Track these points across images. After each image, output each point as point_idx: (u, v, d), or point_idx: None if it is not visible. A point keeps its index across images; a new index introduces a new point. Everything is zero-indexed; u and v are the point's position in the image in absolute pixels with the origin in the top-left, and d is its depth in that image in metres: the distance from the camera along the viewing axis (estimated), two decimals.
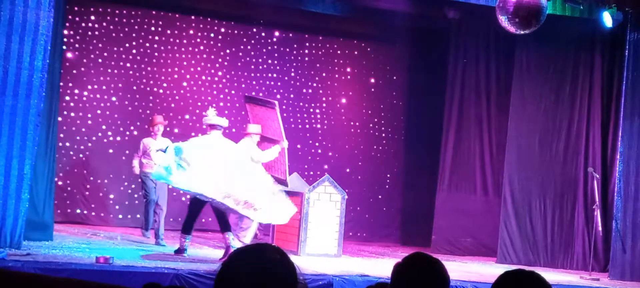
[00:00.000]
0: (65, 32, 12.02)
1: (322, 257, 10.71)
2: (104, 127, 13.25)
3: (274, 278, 2.18)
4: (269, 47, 14.40)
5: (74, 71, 13.09)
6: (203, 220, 13.59)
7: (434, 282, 3.04)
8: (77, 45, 13.14)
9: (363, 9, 13.56)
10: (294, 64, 14.59)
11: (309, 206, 10.94)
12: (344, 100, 14.89)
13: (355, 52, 15.00)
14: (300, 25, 14.47)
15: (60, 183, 12.57)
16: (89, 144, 13.19)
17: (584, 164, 12.34)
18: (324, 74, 14.78)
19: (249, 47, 14.28)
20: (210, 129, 10.03)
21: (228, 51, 14.13)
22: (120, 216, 13.20)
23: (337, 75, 14.86)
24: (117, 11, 13.45)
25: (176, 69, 13.78)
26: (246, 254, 2.24)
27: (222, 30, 14.13)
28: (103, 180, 13.22)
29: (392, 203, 15.05)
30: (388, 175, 15.11)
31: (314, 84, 14.71)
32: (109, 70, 13.37)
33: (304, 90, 14.65)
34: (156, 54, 13.66)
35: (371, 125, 15.04)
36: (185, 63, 13.84)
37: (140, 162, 11.35)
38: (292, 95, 14.52)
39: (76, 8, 13.03)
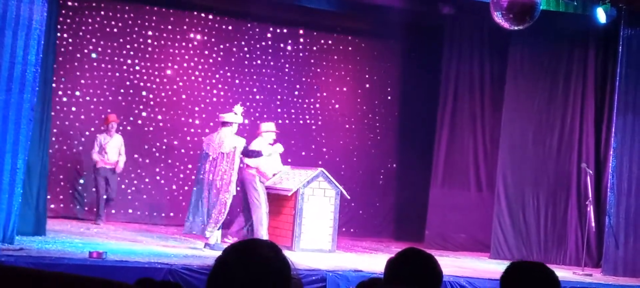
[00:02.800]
0: (59, 27, 11.99)
1: (316, 252, 10.71)
2: (97, 122, 13.23)
3: (268, 274, 2.17)
4: (263, 43, 14.39)
5: (68, 66, 13.07)
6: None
7: (426, 277, 3.05)
8: (71, 40, 13.10)
9: (357, 5, 13.57)
10: (288, 60, 14.58)
11: (303, 201, 10.94)
12: (338, 96, 14.89)
13: (350, 48, 15.00)
14: (294, 20, 14.47)
15: (53, 178, 12.55)
16: (82, 139, 13.17)
17: (577, 160, 12.36)
18: (318, 70, 14.78)
19: (242, 43, 14.27)
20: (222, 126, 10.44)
21: (222, 47, 14.11)
22: (113, 211, 13.18)
23: (331, 71, 14.86)
24: (111, 6, 13.42)
25: (170, 64, 13.76)
26: (240, 250, 2.23)
27: (216, 25, 14.11)
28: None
29: (385, 199, 15.06)
30: (382, 171, 15.13)
31: (308, 80, 14.71)
32: (103, 66, 13.35)
33: (298, 86, 14.64)
34: (150, 49, 13.64)
35: (365, 121, 15.05)
36: (178, 58, 13.82)
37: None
38: (286, 91, 14.51)
39: (70, 3, 13.01)
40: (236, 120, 10.40)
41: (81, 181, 13.19)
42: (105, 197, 12.46)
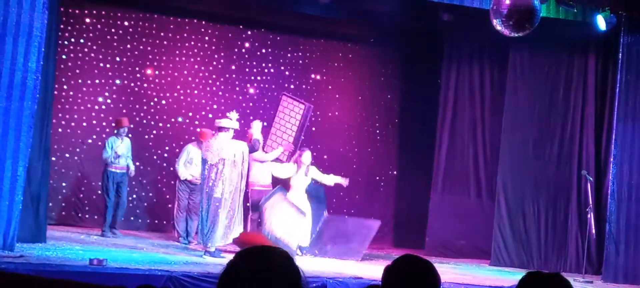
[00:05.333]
0: (60, 34, 12.00)
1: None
2: (98, 129, 13.24)
3: (279, 283, 2.17)
4: (263, 50, 14.39)
5: (69, 73, 13.08)
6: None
7: (424, 284, 3.04)
8: (71, 47, 13.12)
9: (357, 11, 13.57)
10: (288, 67, 14.58)
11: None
12: (338, 103, 14.88)
13: (350, 55, 15.01)
14: (293, 28, 14.47)
15: (53, 185, 12.54)
16: (83, 146, 13.17)
17: (577, 167, 12.37)
18: (317, 77, 14.78)
19: (243, 50, 14.28)
20: (218, 131, 10.41)
21: (222, 54, 14.12)
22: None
23: (331, 78, 14.86)
24: (111, 14, 13.44)
25: (170, 71, 13.77)
26: (253, 256, 2.23)
27: (217, 32, 14.12)
28: (96, 183, 13.17)
29: (385, 206, 15.03)
30: (382, 178, 15.11)
31: (308, 87, 14.72)
32: (104, 73, 13.36)
33: (298, 93, 14.63)
34: (150, 56, 13.65)
35: (365, 127, 15.04)
36: (179, 66, 13.83)
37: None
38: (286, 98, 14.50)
39: (71, 10, 13.03)
40: (232, 125, 10.39)
41: (82, 188, 13.18)
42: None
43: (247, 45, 14.29)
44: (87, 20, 13.27)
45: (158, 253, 10.23)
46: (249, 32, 14.33)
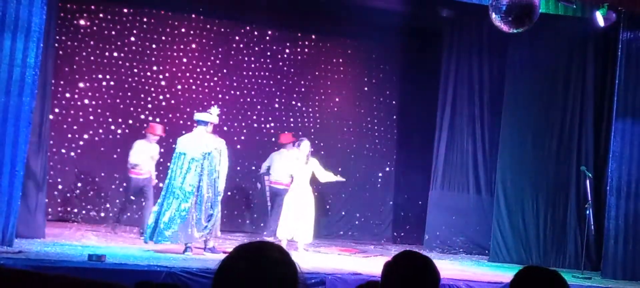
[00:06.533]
0: (57, 30, 11.97)
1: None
2: (95, 125, 13.23)
3: (274, 277, 2.17)
4: (262, 46, 14.38)
5: (66, 69, 13.07)
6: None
7: (424, 280, 3.03)
8: (69, 43, 13.11)
9: (356, 8, 13.55)
10: (287, 63, 14.57)
11: None
12: (336, 99, 14.87)
13: (348, 51, 14.99)
14: (292, 24, 14.45)
15: (51, 181, 12.52)
16: (80, 142, 13.16)
17: (576, 163, 12.36)
18: (316, 73, 14.76)
19: (241, 46, 14.26)
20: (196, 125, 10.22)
21: (220, 49, 14.10)
22: (111, 214, 13.16)
23: (329, 74, 14.85)
24: (109, 9, 13.42)
25: (168, 67, 13.75)
26: (248, 251, 2.22)
27: (215, 28, 14.11)
28: (94, 179, 13.20)
29: (384, 202, 15.05)
30: (380, 174, 15.11)
31: (307, 83, 14.70)
32: (101, 68, 13.35)
33: (297, 89, 14.63)
34: (148, 52, 13.63)
35: (364, 124, 15.03)
36: (177, 61, 13.81)
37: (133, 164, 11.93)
38: (284, 94, 14.50)
39: (69, 5, 13.01)
40: (212, 119, 10.15)
41: (79, 185, 13.17)
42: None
43: (245, 41, 14.27)
44: (85, 15, 13.25)
45: (157, 249, 10.21)
46: (248, 28, 14.31)
